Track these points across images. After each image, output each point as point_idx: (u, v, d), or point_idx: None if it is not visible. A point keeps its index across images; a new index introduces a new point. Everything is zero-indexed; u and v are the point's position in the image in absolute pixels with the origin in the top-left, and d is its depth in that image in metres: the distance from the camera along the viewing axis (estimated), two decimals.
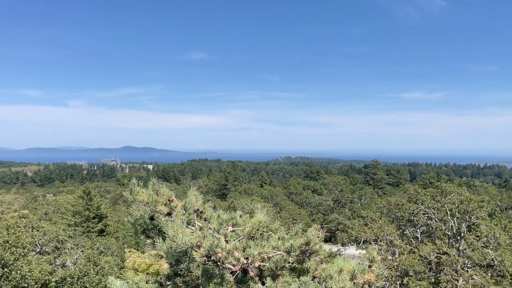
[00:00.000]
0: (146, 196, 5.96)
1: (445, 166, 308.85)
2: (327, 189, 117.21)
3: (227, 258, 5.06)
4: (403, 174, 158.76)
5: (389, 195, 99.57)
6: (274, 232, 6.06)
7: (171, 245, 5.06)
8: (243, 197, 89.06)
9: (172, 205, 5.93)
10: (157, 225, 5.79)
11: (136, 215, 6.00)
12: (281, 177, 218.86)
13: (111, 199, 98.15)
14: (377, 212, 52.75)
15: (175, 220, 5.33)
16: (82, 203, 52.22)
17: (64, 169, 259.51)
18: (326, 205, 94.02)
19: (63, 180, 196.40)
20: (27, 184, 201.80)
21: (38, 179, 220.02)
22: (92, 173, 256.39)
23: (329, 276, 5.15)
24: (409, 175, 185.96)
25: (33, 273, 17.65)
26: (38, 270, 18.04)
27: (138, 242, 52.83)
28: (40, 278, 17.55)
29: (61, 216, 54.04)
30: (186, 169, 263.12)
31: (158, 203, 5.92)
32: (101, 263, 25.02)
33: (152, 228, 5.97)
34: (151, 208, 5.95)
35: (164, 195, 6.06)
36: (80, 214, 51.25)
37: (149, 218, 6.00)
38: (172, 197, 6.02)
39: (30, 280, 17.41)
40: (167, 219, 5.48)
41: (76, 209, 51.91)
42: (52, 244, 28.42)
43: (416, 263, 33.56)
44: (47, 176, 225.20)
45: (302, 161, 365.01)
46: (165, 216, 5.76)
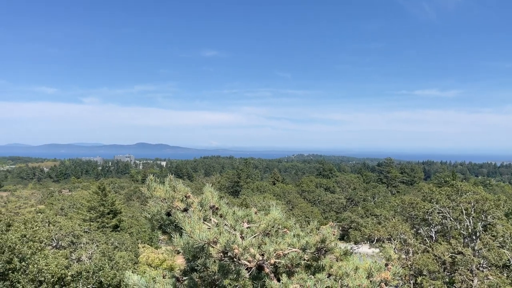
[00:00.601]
0: (163, 192, 6.02)
1: (460, 165, 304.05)
2: (340, 187, 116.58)
3: (243, 254, 5.08)
4: (417, 172, 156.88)
5: (403, 193, 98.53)
6: (289, 229, 6.06)
7: (188, 240, 5.10)
8: (255, 194, 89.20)
9: (189, 201, 5.98)
10: (174, 221, 5.85)
11: (153, 211, 6.08)
12: (293, 174, 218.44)
13: (125, 195, 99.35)
14: (390, 211, 52.33)
15: (192, 216, 5.37)
16: (97, 198, 52.92)
17: (79, 165, 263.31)
18: (339, 203, 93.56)
19: (78, 176, 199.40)
20: (43, 179, 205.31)
21: (54, 174, 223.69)
22: (106, 169, 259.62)
23: (345, 274, 5.14)
24: (424, 174, 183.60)
25: (49, 267, 17.97)
26: (55, 264, 18.35)
27: (151, 238, 53.38)
28: (56, 272, 17.86)
29: (77, 211, 54.88)
30: (198, 166, 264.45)
31: (175, 199, 5.98)
32: (115, 258, 25.36)
33: (169, 224, 6.04)
34: (168, 204, 6.01)
35: (180, 191, 6.11)
36: (95, 210, 51.96)
37: (166, 214, 6.07)
38: (188, 193, 6.08)
39: (46, 273, 17.73)
40: (184, 215, 5.53)
41: (91, 205, 52.65)
42: (68, 238, 28.91)
43: (430, 263, 33.19)
44: (62, 172, 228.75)
45: (314, 159, 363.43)
46: (181, 212, 5.81)
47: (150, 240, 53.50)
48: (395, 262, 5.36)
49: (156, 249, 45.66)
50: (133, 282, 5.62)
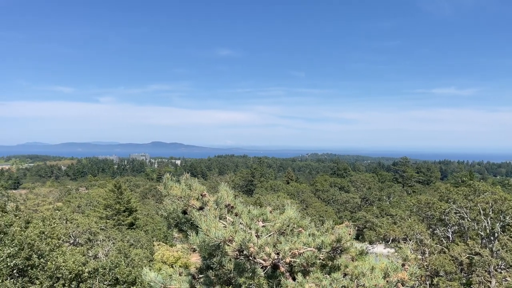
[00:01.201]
0: (179, 191, 6.08)
1: (478, 164, 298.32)
2: (354, 186, 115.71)
3: (258, 253, 5.11)
4: (433, 172, 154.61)
5: (419, 193, 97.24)
6: (304, 229, 6.06)
7: (204, 239, 5.15)
8: (269, 193, 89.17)
9: (205, 200, 6.04)
10: (190, 219, 5.90)
11: (170, 209, 6.14)
12: (307, 173, 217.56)
13: (141, 193, 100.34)
14: (406, 211, 51.70)
15: (208, 215, 5.41)
16: (113, 196, 53.59)
17: (96, 164, 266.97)
18: (353, 202, 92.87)
19: (95, 174, 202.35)
20: (61, 177, 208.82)
21: (72, 173, 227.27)
22: (122, 168, 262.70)
23: (361, 274, 5.11)
24: (440, 173, 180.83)
25: (67, 264, 18.25)
26: (72, 260, 18.63)
27: (166, 236, 53.87)
28: (74, 269, 18.13)
29: (93, 209, 55.69)
30: (213, 164, 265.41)
31: (191, 198, 6.03)
32: (131, 255, 25.68)
33: (185, 222, 6.09)
34: (184, 202, 6.06)
35: (196, 189, 6.16)
36: (111, 208, 52.63)
37: (182, 212, 6.12)
38: (204, 192, 6.13)
39: (64, 270, 18.00)
40: (200, 213, 5.57)
41: (107, 203, 53.35)
42: (85, 236, 29.39)
43: (447, 263, 32.71)
44: (79, 170, 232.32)
45: (328, 158, 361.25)
46: (197, 210, 5.86)
47: (165, 238, 54.00)
48: (412, 262, 5.31)
49: (171, 247, 46.08)
50: (150, 279, 5.70)
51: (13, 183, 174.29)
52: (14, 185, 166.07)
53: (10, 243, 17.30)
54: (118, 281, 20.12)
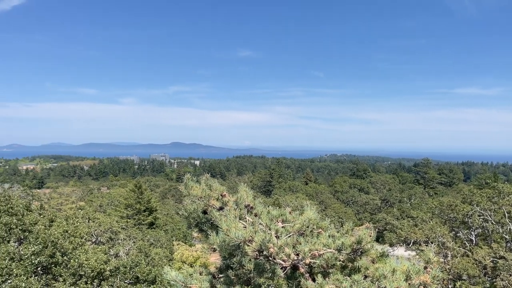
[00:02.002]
0: (200, 191, 6.14)
1: (502, 166, 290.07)
2: (374, 187, 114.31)
3: (278, 253, 5.11)
4: (456, 173, 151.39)
5: (441, 195, 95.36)
6: (323, 230, 6.03)
7: (224, 238, 5.19)
8: (287, 194, 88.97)
9: (224, 200, 6.09)
10: (210, 219, 5.96)
11: (190, 209, 6.21)
12: (326, 174, 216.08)
13: (160, 193, 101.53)
14: (428, 213, 50.76)
15: (228, 215, 5.46)
16: (133, 196, 54.40)
17: (117, 164, 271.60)
18: (373, 204, 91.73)
19: (116, 174, 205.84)
20: (83, 177, 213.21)
21: (94, 172, 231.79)
22: (142, 168, 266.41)
23: (382, 276, 5.05)
24: (463, 175, 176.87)
25: (89, 262, 18.57)
26: (94, 259, 18.95)
27: (186, 236, 54.33)
28: (96, 267, 18.45)
29: (114, 209, 56.64)
30: (231, 165, 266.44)
31: (211, 198, 6.09)
32: (151, 255, 25.99)
33: (205, 222, 6.15)
34: (204, 202, 6.13)
35: (216, 190, 6.22)
36: (131, 207, 53.44)
37: (202, 212, 6.19)
38: (224, 192, 6.18)
39: (87, 268, 18.33)
40: (220, 214, 5.62)
41: (128, 202, 54.19)
42: (107, 234, 29.89)
43: (470, 267, 31.96)
44: (101, 170, 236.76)
45: (348, 159, 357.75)
46: (217, 210, 5.91)
47: (184, 238, 54.48)
48: (434, 265, 5.22)
49: (190, 247, 46.47)
50: (171, 277, 5.78)
51: (38, 182, 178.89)
52: (39, 184, 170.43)
53: (34, 241, 17.75)
54: (139, 279, 20.42)
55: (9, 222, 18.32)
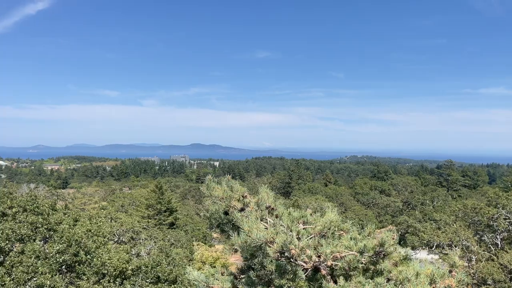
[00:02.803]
0: (221, 192, 6.19)
1: None
2: (395, 190, 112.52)
3: (300, 255, 5.10)
4: (481, 175, 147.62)
5: (465, 198, 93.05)
6: (345, 232, 5.99)
7: (246, 239, 5.21)
8: (307, 195, 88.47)
9: (246, 201, 6.11)
10: (232, 220, 6.00)
11: (212, 210, 6.27)
12: (346, 176, 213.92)
13: (181, 193, 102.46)
14: (451, 216, 49.63)
15: (250, 216, 5.47)
16: (154, 197, 55.11)
17: (138, 165, 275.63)
18: (394, 206, 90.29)
19: (137, 175, 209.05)
20: (105, 178, 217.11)
21: (116, 173, 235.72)
22: (163, 169, 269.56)
23: (406, 279, 4.97)
24: (488, 177, 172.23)
25: (112, 261, 18.83)
26: (117, 258, 19.21)
27: (205, 236, 54.70)
28: (118, 266, 18.71)
29: (136, 209, 57.49)
30: (250, 166, 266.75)
31: (232, 199, 6.12)
32: (172, 255, 26.24)
33: (227, 223, 6.20)
34: (226, 203, 6.17)
35: (238, 191, 6.26)
36: (152, 207, 54.14)
37: (224, 213, 6.23)
38: (245, 193, 6.21)
39: (109, 267, 18.60)
40: (242, 215, 5.65)
41: (149, 203, 54.93)
42: (128, 234, 30.36)
43: (496, 271, 31.07)
44: (123, 171, 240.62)
45: (368, 160, 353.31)
46: (239, 211, 5.95)
47: (204, 238, 54.85)
48: (460, 269, 5.10)
49: (209, 247, 46.76)
50: (193, 277, 5.84)
51: (62, 182, 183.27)
52: (63, 184, 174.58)
53: (59, 240, 18.15)
54: (160, 279, 20.63)
55: (35, 221, 18.79)
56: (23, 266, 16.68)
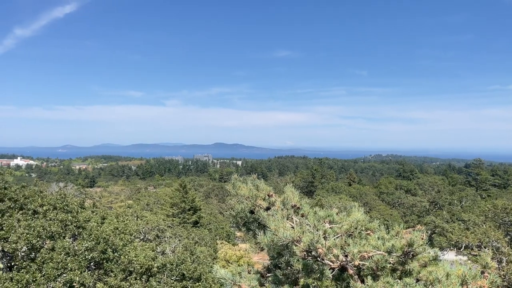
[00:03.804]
0: (247, 191, 6.22)
1: None
2: (422, 189, 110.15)
3: (326, 254, 5.07)
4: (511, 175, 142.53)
5: (495, 198, 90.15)
6: (372, 232, 5.91)
7: (272, 238, 5.23)
8: (330, 195, 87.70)
9: (271, 200, 6.12)
10: (257, 219, 6.02)
11: (238, 208, 6.31)
12: (370, 175, 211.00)
13: (204, 192, 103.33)
14: (480, 216, 48.24)
15: (276, 215, 5.48)
16: (178, 195, 55.81)
17: (163, 164, 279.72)
18: (421, 206, 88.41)
19: (162, 174, 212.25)
20: (131, 177, 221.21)
21: (141, 172, 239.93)
22: (187, 168, 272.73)
23: (436, 280, 4.86)
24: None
25: (138, 258, 19.14)
26: (143, 255, 19.51)
27: (229, 235, 55.01)
28: (144, 263, 19.01)
29: (161, 207, 58.38)
30: (273, 165, 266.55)
31: (258, 198, 6.14)
32: (196, 253, 26.52)
33: (253, 221, 6.22)
34: (251, 202, 6.20)
35: (263, 190, 6.28)
36: (177, 206, 54.84)
37: (250, 212, 6.26)
38: (271, 192, 6.22)
39: (136, 264, 18.92)
40: (268, 213, 5.66)
41: (173, 201, 55.67)
42: (154, 232, 30.87)
43: None
44: (148, 170, 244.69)
45: (393, 159, 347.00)
46: (264, 210, 5.96)
47: (228, 237, 55.18)
48: (492, 270, 4.95)
49: (233, 246, 47.00)
50: (220, 275, 5.89)
51: (89, 181, 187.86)
52: (90, 183, 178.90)
53: (88, 237, 18.60)
54: (185, 277, 20.87)
55: (65, 219, 19.31)
56: (53, 262, 17.19)
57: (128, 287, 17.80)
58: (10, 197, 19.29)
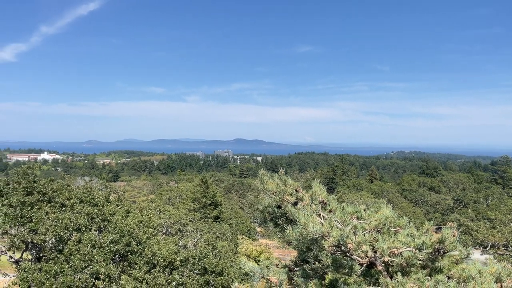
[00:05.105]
0: (275, 186, 6.24)
1: None
2: (446, 187, 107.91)
3: (356, 249, 5.05)
4: None
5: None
6: (401, 228, 5.85)
7: (302, 232, 5.23)
8: (351, 191, 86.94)
9: (299, 195, 6.13)
10: (285, 213, 6.04)
11: (265, 203, 6.35)
12: (392, 172, 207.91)
13: (225, 188, 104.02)
14: (507, 215, 46.92)
15: (305, 210, 5.49)
16: (200, 190, 56.36)
17: (184, 159, 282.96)
18: (445, 204, 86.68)
19: (183, 169, 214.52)
20: (153, 172, 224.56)
21: (162, 167, 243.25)
22: (207, 163, 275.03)
23: (470, 277, 4.78)
24: None
25: (161, 252, 19.44)
26: (166, 249, 19.80)
27: (249, 230, 55.28)
28: (167, 257, 19.28)
29: (182, 202, 59.11)
30: (293, 161, 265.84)
31: (285, 193, 6.16)
32: (218, 247, 26.76)
33: (280, 216, 6.25)
34: (279, 197, 6.22)
35: (291, 185, 6.29)
36: (198, 201, 55.40)
37: (277, 207, 6.29)
38: (299, 187, 6.23)
39: (159, 257, 19.22)
40: (297, 208, 5.67)
41: (194, 196, 56.26)
42: (176, 226, 31.29)
43: None
44: (169, 165, 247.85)
45: (416, 156, 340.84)
46: (292, 205, 5.98)
47: (248, 232, 55.46)
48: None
49: (253, 241, 47.22)
50: (248, 268, 5.95)
51: (113, 176, 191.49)
52: (114, 177, 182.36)
53: (113, 230, 19.00)
54: (207, 270, 21.09)
55: (91, 212, 19.79)
56: (80, 254, 17.66)
57: (152, 279, 18.11)
58: (39, 190, 19.91)
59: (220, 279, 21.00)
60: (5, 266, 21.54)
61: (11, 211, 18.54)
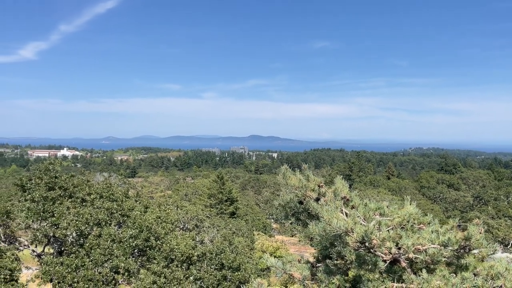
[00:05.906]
0: (297, 181, 6.24)
1: None
2: (465, 184, 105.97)
3: (380, 246, 5.02)
4: None
5: None
6: (425, 225, 5.78)
7: (325, 228, 5.22)
8: (368, 188, 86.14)
9: (321, 191, 6.11)
10: (307, 209, 6.04)
11: (286, 199, 6.35)
12: (410, 169, 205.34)
13: (240, 184, 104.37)
14: None
15: (329, 205, 5.48)
16: (216, 186, 56.68)
17: (200, 156, 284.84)
18: (464, 201, 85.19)
19: (199, 165, 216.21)
20: (170, 168, 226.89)
21: (179, 163, 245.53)
22: (223, 160, 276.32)
23: (498, 274, 4.70)
24: None
25: (179, 247, 19.66)
26: (183, 244, 20.00)
27: (265, 226, 55.38)
28: (185, 252, 19.48)
29: (199, 198, 59.56)
30: (309, 158, 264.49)
31: (308, 189, 6.14)
32: (234, 243, 26.87)
33: (302, 212, 6.24)
34: (301, 192, 6.21)
35: (313, 181, 6.26)
36: (214, 197, 55.74)
37: (298, 202, 6.28)
38: (321, 183, 6.20)
39: (177, 252, 19.44)
40: (321, 204, 5.66)
41: (211, 192, 56.62)
42: (193, 222, 31.50)
43: None
44: (186, 161, 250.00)
45: (435, 153, 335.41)
46: (314, 201, 5.96)
47: (264, 228, 55.55)
48: None
49: (269, 237, 47.28)
50: (271, 263, 5.98)
51: (131, 172, 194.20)
52: (131, 173, 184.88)
53: (132, 225, 19.31)
54: (224, 266, 21.24)
55: (110, 207, 20.14)
56: (100, 248, 18.00)
57: (170, 274, 18.34)
58: (60, 186, 20.34)
59: (237, 274, 21.12)
60: (28, 259, 22.09)
61: (34, 206, 18.99)
